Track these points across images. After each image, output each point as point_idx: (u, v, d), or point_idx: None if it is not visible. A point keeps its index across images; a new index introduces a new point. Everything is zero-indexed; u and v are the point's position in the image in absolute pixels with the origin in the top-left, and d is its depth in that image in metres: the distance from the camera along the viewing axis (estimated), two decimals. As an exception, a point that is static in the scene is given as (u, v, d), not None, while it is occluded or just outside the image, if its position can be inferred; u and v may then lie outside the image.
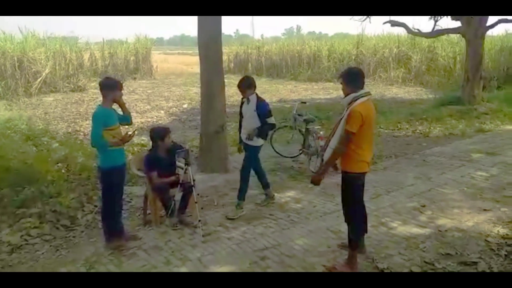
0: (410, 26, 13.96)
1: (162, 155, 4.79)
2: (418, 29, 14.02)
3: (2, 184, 5.28)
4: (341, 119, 3.63)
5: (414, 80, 20.62)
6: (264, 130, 5.02)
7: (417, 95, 16.99)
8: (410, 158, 7.47)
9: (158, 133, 4.78)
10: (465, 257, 3.93)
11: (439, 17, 13.32)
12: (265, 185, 5.42)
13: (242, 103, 5.18)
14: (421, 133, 9.52)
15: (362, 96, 3.52)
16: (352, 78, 3.61)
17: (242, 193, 5.12)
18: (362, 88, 3.57)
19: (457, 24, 12.67)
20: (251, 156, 5.16)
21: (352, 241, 3.77)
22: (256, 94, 5.06)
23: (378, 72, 22.16)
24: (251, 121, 5.01)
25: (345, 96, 3.63)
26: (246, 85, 5.00)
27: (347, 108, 3.57)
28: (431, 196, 5.51)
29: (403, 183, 6.07)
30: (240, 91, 5.06)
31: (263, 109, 4.97)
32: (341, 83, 3.68)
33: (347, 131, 3.47)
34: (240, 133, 5.31)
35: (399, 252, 4.06)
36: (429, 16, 13.41)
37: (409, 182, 6.12)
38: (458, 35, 14.81)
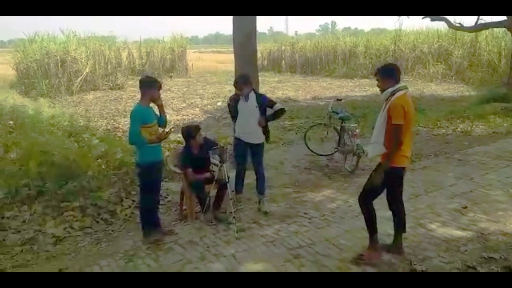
0: (451, 20, 13.46)
1: (196, 152, 4.87)
2: (460, 23, 13.52)
3: (47, 178, 5.53)
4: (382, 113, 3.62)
5: (455, 77, 19.85)
6: (277, 115, 5.10)
7: (458, 92, 16.35)
8: (451, 158, 7.19)
9: (189, 132, 4.87)
10: (509, 261, 3.75)
11: (482, 10, 12.75)
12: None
13: (236, 101, 5.07)
14: (462, 132, 9.15)
15: (399, 90, 3.54)
16: (389, 73, 3.65)
17: (265, 187, 5.30)
18: (398, 82, 3.60)
19: (502, 17, 12.09)
20: (262, 152, 5.27)
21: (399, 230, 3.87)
22: (254, 90, 5.06)
23: (417, 68, 21.50)
24: (251, 119, 4.99)
25: (382, 92, 3.64)
26: (244, 81, 4.95)
27: (386, 104, 3.57)
28: (474, 198, 5.29)
29: (443, 183, 5.86)
30: (237, 88, 5.00)
31: (265, 100, 5.03)
32: (377, 80, 3.71)
33: (395, 125, 3.47)
34: (235, 128, 5.20)
35: (439, 254, 3.92)
36: (472, 10, 12.87)
37: (449, 182, 5.89)
38: (503, 28, 14.12)
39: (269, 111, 5.09)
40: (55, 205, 5.06)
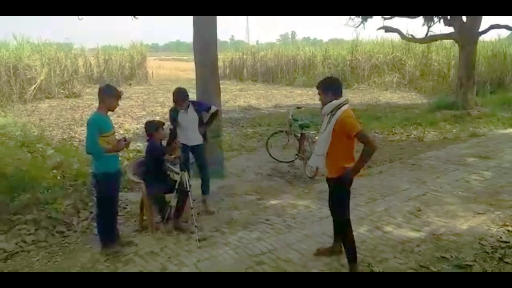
0: (404, 31, 14.10)
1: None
2: (411, 35, 14.15)
3: (-3, 191, 5.26)
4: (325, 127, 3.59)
5: (408, 85, 20.75)
6: (212, 119, 5.55)
7: (412, 100, 17.09)
8: (405, 163, 7.51)
9: (152, 125, 4.85)
10: (460, 260, 3.95)
11: (432, 23, 13.45)
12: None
13: (176, 113, 5.26)
14: (415, 138, 9.58)
15: (344, 104, 3.54)
16: (332, 86, 3.63)
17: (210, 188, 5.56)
18: (341, 96, 3.60)
19: (450, 29, 12.81)
20: (204, 153, 5.49)
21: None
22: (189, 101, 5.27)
23: (373, 77, 22.26)
24: (192, 126, 5.27)
25: (324, 105, 3.62)
26: (183, 97, 5.13)
27: (330, 117, 3.55)
28: (426, 200, 5.54)
29: (398, 187, 6.10)
30: (178, 103, 5.17)
31: (203, 105, 5.41)
32: (319, 93, 3.69)
33: (361, 132, 3.41)
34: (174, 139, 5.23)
35: (395, 256, 4.08)
36: (423, 22, 13.54)
37: (404, 186, 6.15)
38: (451, 40, 14.97)
39: (205, 114, 5.41)
40: (6, 219, 4.82)
